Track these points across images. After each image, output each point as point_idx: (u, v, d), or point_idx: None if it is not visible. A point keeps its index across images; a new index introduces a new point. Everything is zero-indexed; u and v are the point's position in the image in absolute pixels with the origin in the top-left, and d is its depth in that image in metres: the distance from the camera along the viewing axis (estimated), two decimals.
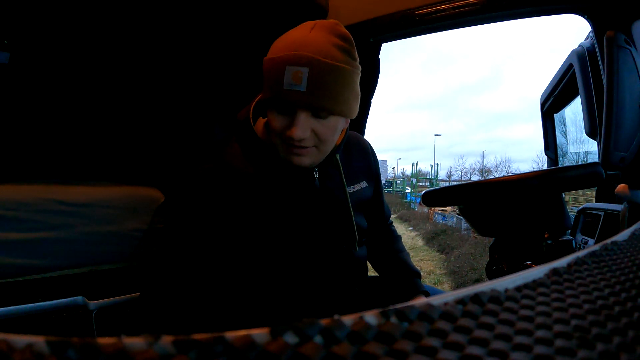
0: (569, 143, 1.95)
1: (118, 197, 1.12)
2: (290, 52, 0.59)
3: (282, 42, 0.62)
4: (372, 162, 0.88)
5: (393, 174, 49.80)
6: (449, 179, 37.62)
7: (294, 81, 0.58)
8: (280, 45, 0.62)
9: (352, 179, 0.80)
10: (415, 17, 1.12)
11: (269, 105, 0.64)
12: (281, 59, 0.60)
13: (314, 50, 0.59)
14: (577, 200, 6.19)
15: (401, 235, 1.00)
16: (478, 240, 7.09)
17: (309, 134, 0.63)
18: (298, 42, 0.60)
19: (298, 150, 0.65)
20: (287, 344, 0.13)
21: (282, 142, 0.65)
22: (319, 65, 0.59)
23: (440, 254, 7.56)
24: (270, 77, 0.61)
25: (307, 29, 0.62)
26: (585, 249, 0.29)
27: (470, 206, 0.99)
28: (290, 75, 0.58)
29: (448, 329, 0.16)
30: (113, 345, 0.12)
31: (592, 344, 0.16)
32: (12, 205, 0.93)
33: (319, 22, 0.64)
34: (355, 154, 0.83)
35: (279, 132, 0.64)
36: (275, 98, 0.61)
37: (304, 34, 0.62)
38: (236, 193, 0.67)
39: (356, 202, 0.79)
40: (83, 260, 1.06)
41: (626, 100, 0.68)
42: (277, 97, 0.61)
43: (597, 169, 0.79)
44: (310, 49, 0.59)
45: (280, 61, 0.60)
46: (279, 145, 0.66)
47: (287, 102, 0.61)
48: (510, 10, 1.01)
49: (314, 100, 0.60)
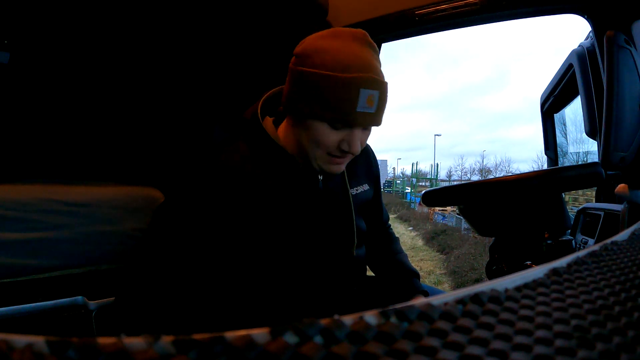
0: (569, 143, 1.95)
1: (118, 197, 1.12)
2: (364, 75, 0.59)
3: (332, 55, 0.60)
4: (373, 164, 0.89)
5: (393, 174, 49.79)
6: (449, 179, 37.62)
7: (367, 104, 0.60)
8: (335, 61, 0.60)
9: (355, 182, 0.80)
10: (415, 17, 1.12)
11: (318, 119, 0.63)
12: (354, 81, 0.59)
13: (377, 72, 0.61)
14: (577, 200, 6.19)
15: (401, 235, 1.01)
16: (478, 240, 7.09)
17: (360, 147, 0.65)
18: (360, 61, 0.60)
19: (340, 161, 0.67)
20: (287, 344, 0.13)
21: (326, 154, 0.65)
22: (383, 88, 0.62)
23: (440, 254, 7.56)
24: (337, 98, 0.59)
25: (349, 41, 0.62)
26: (585, 249, 0.29)
27: (470, 206, 0.99)
28: (365, 99, 0.59)
29: (448, 329, 0.16)
30: (113, 345, 0.12)
31: (592, 344, 0.16)
32: (12, 205, 0.93)
33: (354, 31, 0.63)
34: (358, 157, 0.83)
35: (328, 145, 0.64)
36: (340, 120, 0.61)
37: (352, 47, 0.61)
38: (241, 192, 0.66)
39: (358, 205, 0.80)
40: (83, 260, 1.06)
41: (626, 100, 0.68)
42: (346, 119, 0.61)
43: (597, 169, 0.79)
44: (374, 70, 0.61)
45: (353, 83, 0.59)
46: (319, 156, 0.66)
47: (355, 124, 0.62)
48: (510, 10, 1.01)
49: (378, 120, 0.63)
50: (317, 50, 0.62)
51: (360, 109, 0.60)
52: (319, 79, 0.60)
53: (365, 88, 0.59)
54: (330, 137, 0.64)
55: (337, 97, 0.59)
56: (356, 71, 0.59)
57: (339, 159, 0.67)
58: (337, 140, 0.64)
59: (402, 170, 48.33)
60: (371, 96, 0.60)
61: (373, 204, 0.90)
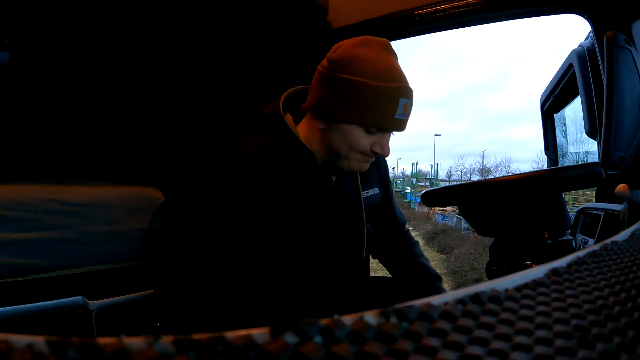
0: (569, 143, 1.95)
1: (118, 197, 1.12)
2: (402, 85, 0.65)
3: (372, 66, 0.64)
4: (383, 168, 0.92)
5: (393, 174, 49.83)
6: (449, 179, 37.62)
7: (404, 112, 0.66)
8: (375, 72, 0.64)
9: (366, 185, 0.83)
10: (415, 17, 1.12)
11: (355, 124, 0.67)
12: (393, 91, 0.64)
13: (407, 81, 0.67)
14: (577, 200, 6.19)
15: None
16: (478, 240, 7.09)
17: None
18: (396, 71, 0.66)
19: (368, 159, 0.72)
20: (287, 344, 0.13)
21: (358, 155, 0.70)
22: (413, 96, 0.68)
23: (440, 254, 7.56)
24: (378, 105, 0.64)
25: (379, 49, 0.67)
26: (585, 249, 0.29)
27: (470, 206, 0.99)
28: (402, 108, 0.65)
29: (448, 329, 0.16)
30: (113, 345, 0.12)
31: (592, 344, 0.16)
32: (12, 205, 0.93)
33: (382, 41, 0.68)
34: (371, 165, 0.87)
35: (362, 147, 0.68)
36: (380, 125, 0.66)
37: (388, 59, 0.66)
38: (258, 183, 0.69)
39: (367, 207, 0.82)
40: (83, 260, 1.06)
41: (626, 100, 0.68)
42: (385, 125, 0.66)
43: (597, 169, 0.79)
44: (405, 79, 0.67)
45: (392, 92, 0.64)
46: (351, 157, 0.70)
47: (391, 130, 0.68)
48: (510, 10, 1.01)
49: (406, 125, 0.69)
50: (355, 58, 0.65)
51: (397, 117, 0.66)
52: (361, 86, 0.63)
53: (403, 97, 0.65)
54: (364, 141, 0.68)
55: (379, 105, 0.64)
56: (396, 81, 0.64)
57: (369, 159, 0.72)
58: (370, 143, 0.69)
59: (402, 170, 48.34)
60: (406, 104, 0.66)
61: (385, 207, 0.91)
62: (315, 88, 0.69)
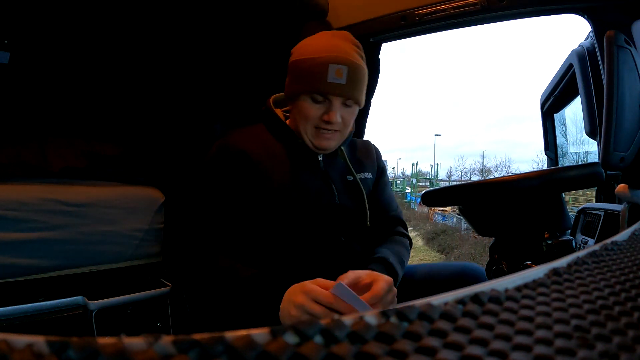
0: (569, 143, 1.95)
1: (118, 197, 1.12)
2: (332, 54, 0.74)
3: (312, 46, 0.77)
4: (375, 157, 0.93)
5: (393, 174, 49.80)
6: (449, 179, 37.62)
7: (337, 76, 0.73)
8: (313, 49, 0.76)
9: (358, 169, 0.87)
10: (415, 17, 1.12)
11: (302, 97, 0.76)
12: (323, 59, 0.73)
13: (346, 52, 0.75)
14: (577, 200, 6.19)
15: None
16: (478, 240, 7.09)
17: (340, 119, 0.77)
18: (330, 46, 0.75)
19: (328, 135, 0.78)
20: (287, 344, 0.13)
21: (313, 128, 0.77)
22: (353, 64, 0.74)
23: (440, 254, 7.56)
24: (312, 73, 0.74)
25: (329, 36, 0.78)
26: (585, 249, 0.29)
27: (470, 206, 0.99)
28: (334, 72, 0.73)
29: (448, 329, 0.16)
30: (113, 345, 0.12)
31: (592, 344, 0.16)
32: (12, 205, 0.93)
33: (335, 32, 0.81)
34: (361, 151, 0.93)
35: (313, 118, 0.76)
36: (317, 90, 0.74)
37: (329, 40, 0.77)
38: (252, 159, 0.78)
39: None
40: (83, 260, 1.06)
41: (626, 100, 0.68)
42: (320, 89, 0.74)
43: (597, 169, 0.79)
44: (342, 51, 0.75)
45: (322, 61, 0.73)
46: (309, 130, 0.78)
47: (328, 93, 0.74)
48: (510, 10, 1.01)
49: (350, 92, 0.75)
50: (302, 45, 0.80)
51: (330, 80, 0.73)
52: (300, 63, 0.76)
53: (333, 63, 0.73)
54: (313, 111, 0.76)
55: (312, 72, 0.74)
56: (326, 52, 0.74)
57: (327, 133, 0.77)
58: (320, 114, 0.76)
59: (402, 170, 48.33)
60: (339, 69, 0.73)
61: (378, 195, 0.88)
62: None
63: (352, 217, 0.82)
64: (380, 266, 0.73)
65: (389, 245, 0.82)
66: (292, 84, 0.78)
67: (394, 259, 0.76)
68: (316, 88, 0.74)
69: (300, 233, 0.76)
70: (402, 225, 0.90)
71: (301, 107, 0.77)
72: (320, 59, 0.74)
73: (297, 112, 0.79)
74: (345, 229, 0.80)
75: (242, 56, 1.36)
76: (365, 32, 1.22)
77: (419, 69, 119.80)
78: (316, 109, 0.76)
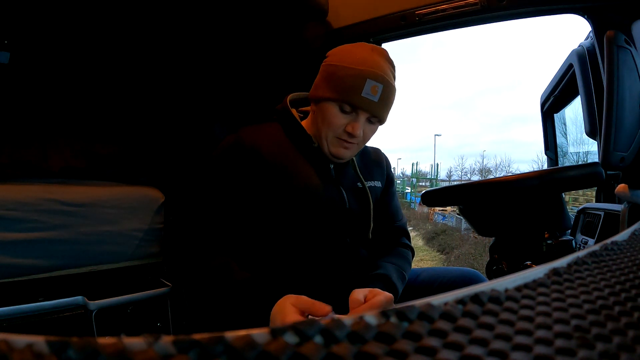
0: (569, 143, 1.95)
1: (118, 197, 1.12)
2: (372, 69, 0.73)
3: (351, 56, 0.75)
4: (385, 167, 0.94)
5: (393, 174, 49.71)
6: (449, 179, 37.61)
7: (371, 92, 0.73)
8: (352, 59, 0.74)
9: (367, 176, 0.87)
10: (416, 17, 1.12)
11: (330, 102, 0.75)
12: (362, 72, 0.73)
13: (384, 71, 0.74)
14: (577, 200, 6.19)
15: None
16: (478, 240, 7.09)
17: (362, 133, 0.77)
18: (371, 61, 0.74)
19: (346, 144, 0.77)
20: (287, 344, 0.13)
21: (334, 135, 0.77)
22: (388, 84, 0.74)
23: (440, 254, 7.56)
24: (347, 83, 0.73)
25: (368, 50, 0.76)
26: (585, 249, 0.29)
27: (470, 206, 0.99)
28: (370, 88, 0.73)
29: (448, 329, 0.16)
30: (113, 345, 0.12)
31: (592, 344, 0.16)
32: (12, 205, 0.93)
33: (375, 47, 0.79)
34: (371, 158, 0.93)
35: (337, 126, 0.76)
36: (348, 101, 0.73)
37: (369, 53, 0.75)
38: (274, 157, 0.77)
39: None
40: (83, 260, 1.06)
41: (626, 100, 0.68)
42: (352, 101, 0.73)
43: (597, 169, 0.79)
44: (381, 69, 0.74)
45: (360, 74, 0.73)
46: (330, 137, 0.77)
47: (359, 107, 0.74)
48: (510, 10, 1.01)
49: (379, 111, 0.75)
50: (341, 51, 0.78)
51: (365, 95, 0.72)
52: (337, 70, 0.75)
53: (370, 79, 0.72)
54: (338, 120, 0.75)
55: (347, 82, 0.73)
56: (366, 66, 0.73)
57: (346, 144, 0.77)
58: (344, 124, 0.76)
59: (402, 170, 48.30)
60: (375, 86, 0.73)
61: (385, 204, 0.90)
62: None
63: (360, 223, 0.82)
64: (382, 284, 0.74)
65: (393, 258, 0.82)
66: (323, 87, 0.76)
67: (396, 277, 0.77)
68: (348, 99, 0.73)
69: (308, 235, 0.76)
70: (406, 236, 0.93)
71: (327, 112, 0.76)
72: (359, 72, 0.73)
73: (320, 116, 0.78)
74: (352, 233, 0.81)
75: (242, 56, 1.36)
76: (365, 32, 1.22)
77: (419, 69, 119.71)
78: (341, 118, 0.75)
